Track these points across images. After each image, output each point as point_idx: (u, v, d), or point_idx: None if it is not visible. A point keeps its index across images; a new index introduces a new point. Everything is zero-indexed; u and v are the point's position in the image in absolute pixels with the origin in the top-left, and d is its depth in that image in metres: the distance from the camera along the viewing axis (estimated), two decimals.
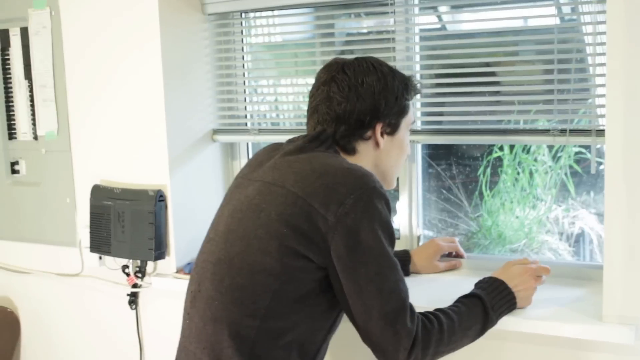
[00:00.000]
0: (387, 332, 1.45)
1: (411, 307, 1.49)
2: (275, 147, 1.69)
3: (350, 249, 1.45)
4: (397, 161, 1.72)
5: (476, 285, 1.68)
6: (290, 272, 1.47)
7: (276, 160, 1.59)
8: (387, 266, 1.47)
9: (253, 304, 1.47)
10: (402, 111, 1.67)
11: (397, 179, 2.18)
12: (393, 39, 2.14)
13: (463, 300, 1.61)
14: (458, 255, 2.12)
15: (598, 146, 1.89)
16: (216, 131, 2.45)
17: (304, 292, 1.49)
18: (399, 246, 2.01)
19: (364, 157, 1.64)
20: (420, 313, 1.52)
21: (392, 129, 1.66)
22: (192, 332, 1.56)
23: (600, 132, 1.82)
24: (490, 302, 1.61)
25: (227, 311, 1.49)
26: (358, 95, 1.60)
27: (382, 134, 1.64)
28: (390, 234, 1.50)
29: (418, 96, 2.11)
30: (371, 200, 1.46)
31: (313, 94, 1.67)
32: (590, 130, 1.87)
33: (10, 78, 2.62)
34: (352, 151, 1.63)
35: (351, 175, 1.49)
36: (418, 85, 1.74)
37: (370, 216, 1.45)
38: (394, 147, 1.68)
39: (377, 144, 1.65)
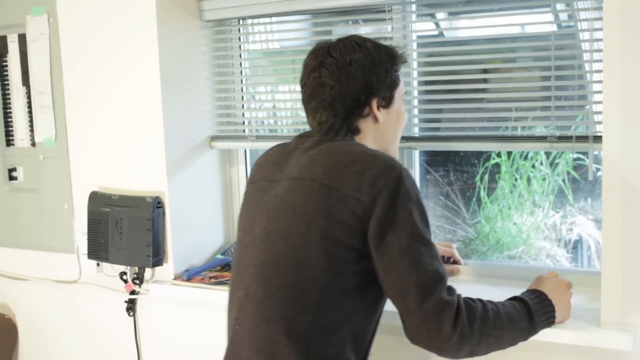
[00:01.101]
0: (427, 306, 1.43)
1: (450, 286, 1.49)
2: (285, 147, 1.69)
3: (383, 226, 1.45)
4: (396, 132, 1.74)
5: (522, 293, 1.66)
6: (336, 264, 1.48)
7: (299, 157, 1.60)
8: (421, 242, 1.47)
9: (304, 300, 1.48)
10: (394, 83, 1.69)
11: None
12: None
13: (508, 299, 1.61)
14: (455, 262, 2.12)
15: (596, 152, 1.89)
16: (214, 138, 2.45)
17: (351, 285, 1.50)
18: None
19: (367, 134, 1.66)
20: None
21: (386, 102, 1.68)
22: (244, 337, 1.55)
23: (598, 139, 1.82)
24: (534, 306, 1.59)
25: (280, 310, 1.49)
26: (349, 76, 1.62)
27: (378, 108, 1.66)
28: (424, 213, 1.51)
29: (415, 102, 2.12)
30: (402, 182, 1.47)
31: (305, 83, 1.68)
32: (588, 136, 1.87)
33: (8, 84, 2.63)
34: (356, 131, 1.66)
35: (376, 161, 1.51)
36: (403, 53, 1.74)
37: (403, 196, 1.46)
38: (392, 118, 1.70)
39: (375, 119, 1.66)
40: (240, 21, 2.39)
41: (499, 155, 2.36)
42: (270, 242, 1.54)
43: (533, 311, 1.58)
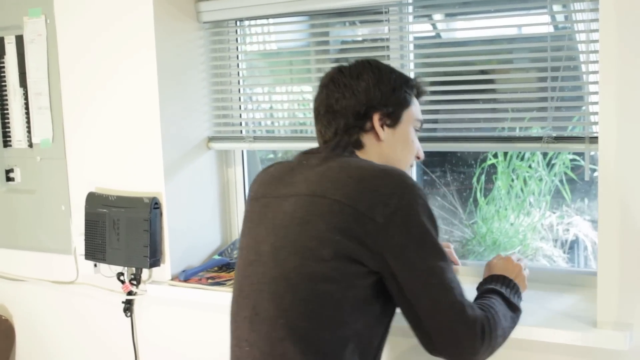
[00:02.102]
0: (457, 323, 1.45)
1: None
2: (287, 164, 1.68)
3: (404, 247, 1.45)
4: (403, 157, 1.71)
5: (484, 286, 1.68)
6: (347, 279, 1.46)
7: (305, 173, 1.58)
8: (441, 258, 1.48)
9: (319, 316, 1.46)
10: (402, 103, 1.67)
11: None
12: (387, 46, 2.14)
13: (482, 295, 1.63)
14: (452, 263, 2.11)
15: (592, 153, 1.90)
16: (211, 139, 2.46)
17: (361, 299, 1.48)
18: None
19: (371, 150, 1.64)
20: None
21: (392, 120, 1.66)
22: (257, 357, 1.51)
23: (594, 139, 1.83)
24: (506, 292, 1.63)
25: (295, 328, 1.46)
26: (353, 90, 1.63)
27: (382, 126, 1.65)
28: (436, 226, 1.51)
29: None
30: (414, 197, 1.47)
31: (315, 98, 1.71)
32: (584, 137, 1.88)
33: (5, 86, 2.62)
34: (359, 145, 1.64)
35: (388, 176, 1.50)
36: (421, 82, 1.75)
37: (415, 212, 1.46)
38: (398, 141, 1.68)
39: (377, 136, 1.64)
40: (238, 22, 2.40)
41: (495, 156, 2.37)
42: (279, 259, 1.51)
43: (508, 297, 1.61)
